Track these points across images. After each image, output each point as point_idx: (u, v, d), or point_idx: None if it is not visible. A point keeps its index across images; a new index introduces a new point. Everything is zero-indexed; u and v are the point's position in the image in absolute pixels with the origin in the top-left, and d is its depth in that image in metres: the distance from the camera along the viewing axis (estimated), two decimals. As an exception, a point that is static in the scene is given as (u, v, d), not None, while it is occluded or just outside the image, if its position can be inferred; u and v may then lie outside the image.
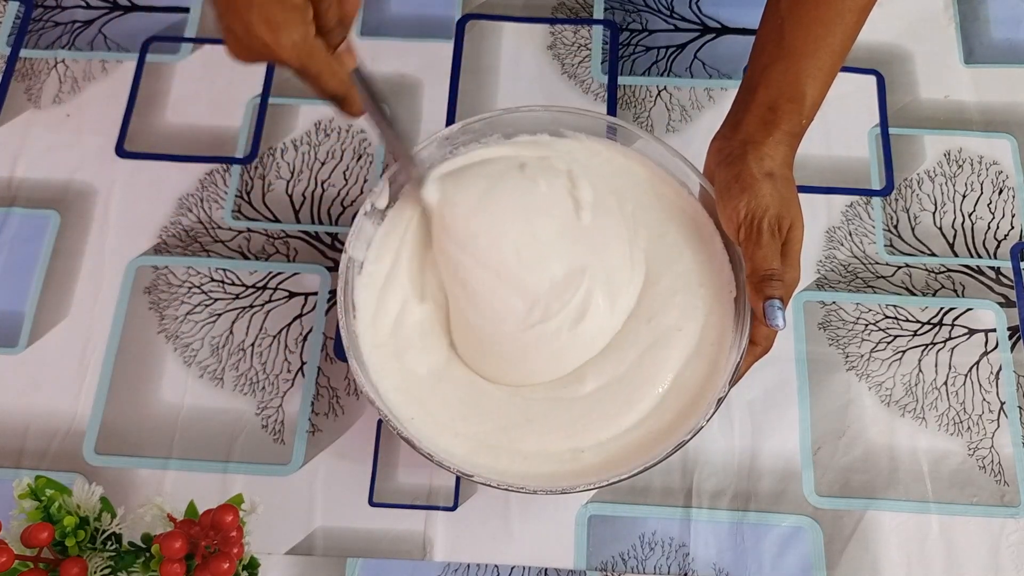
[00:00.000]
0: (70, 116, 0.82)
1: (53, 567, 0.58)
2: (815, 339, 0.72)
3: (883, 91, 0.82)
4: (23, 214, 0.78)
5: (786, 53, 0.61)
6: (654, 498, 0.68)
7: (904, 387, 0.71)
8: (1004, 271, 0.75)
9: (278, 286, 0.75)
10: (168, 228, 0.77)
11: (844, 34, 0.61)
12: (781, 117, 0.60)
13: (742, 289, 0.61)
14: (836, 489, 0.68)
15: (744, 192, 0.59)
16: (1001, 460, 0.69)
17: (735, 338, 0.61)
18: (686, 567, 0.66)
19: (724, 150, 0.61)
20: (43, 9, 0.87)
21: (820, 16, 0.61)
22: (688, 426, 0.58)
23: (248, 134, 0.81)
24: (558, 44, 0.84)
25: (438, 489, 0.68)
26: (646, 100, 0.82)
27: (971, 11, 0.85)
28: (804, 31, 0.61)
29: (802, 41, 0.61)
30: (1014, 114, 0.80)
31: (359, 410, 0.71)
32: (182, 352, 0.73)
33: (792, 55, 0.61)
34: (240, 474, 0.69)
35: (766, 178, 0.59)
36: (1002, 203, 0.77)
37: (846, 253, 0.75)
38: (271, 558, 0.66)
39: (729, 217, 0.60)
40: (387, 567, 0.66)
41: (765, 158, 0.60)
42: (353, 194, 0.78)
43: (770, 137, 0.60)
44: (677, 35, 0.84)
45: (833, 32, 0.61)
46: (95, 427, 0.70)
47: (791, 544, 0.66)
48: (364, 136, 0.80)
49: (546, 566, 0.66)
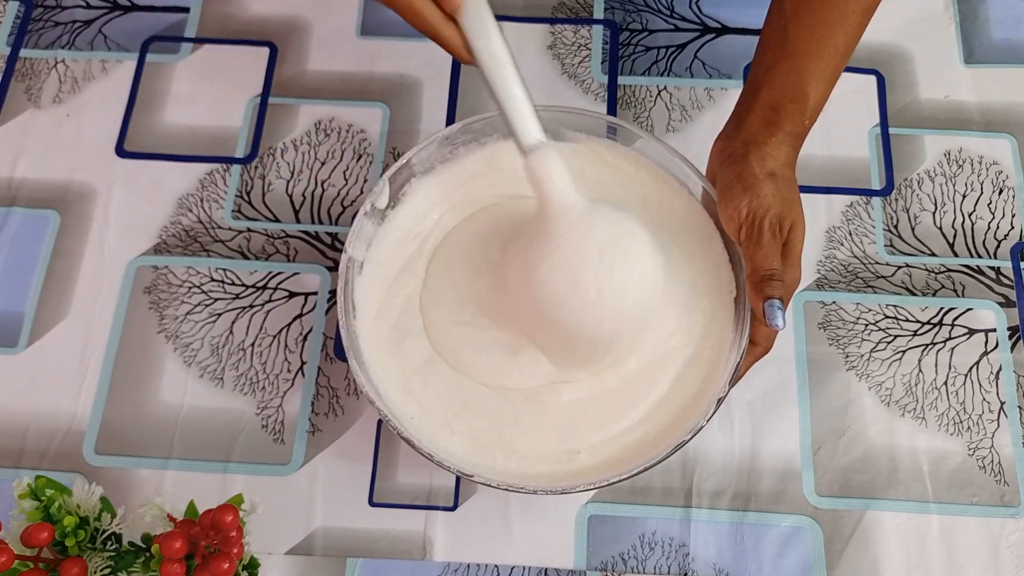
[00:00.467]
0: (70, 116, 0.82)
1: (53, 567, 0.58)
2: (815, 339, 0.72)
3: (883, 91, 0.82)
4: (23, 214, 0.78)
5: (789, 53, 0.61)
6: (654, 498, 0.68)
7: (904, 387, 0.71)
8: (1004, 271, 0.75)
9: (278, 286, 0.75)
10: (168, 228, 0.77)
11: (848, 35, 0.61)
12: (784, 117, 0.60)
13: (742, 289, 0.61)
14: (836, 489, 0.68)
15: (746, 192, 0.59)
16: (1001, 460, 0.69)
17: (735, 338, 0.61)
18: (686, 567, 0.66)
19: (726, 150, 0.61)
20: (43, 9, 0.87)
21: (824, 17, 0.61)
22: (688, 426, 0.58)
23: (248, 134, 0.81)
24: (558, 44, 0.84)
25: (438, 489, 0.68)
26: (646, 100, 0.82)
27: (971, 11, 0.85)
28: (808, 32, 0.61)
29: (805, 42, 0.61)
30: (1014, 114, 0.80)
31: (359, 410, 0.71)
32: (182, 352, 0.73)
33: (795, 56, 0.61)
34: (240, 474, 0.69)
35: (768, 178, 0.59)
36: (1002, 203, 0.77)
37: (846, 253, 0.75)
38: (271, 558, 0.66)
39: (730, 216, 0.60)
40: (387, 567, 0.66)
41: (767, 158, 0.60)
42: (353, 194, 0.78)
43: (773, 137, 0.60)
44: (677, 35, 0.84)
45: (837, 33, 0.61)
46: (95, 427, 0.70)
47: (791, 544, 0.66)
48: (364, 136, 0.80)
49: (546, 566, 0.66)
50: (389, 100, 0.82)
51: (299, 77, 0.83)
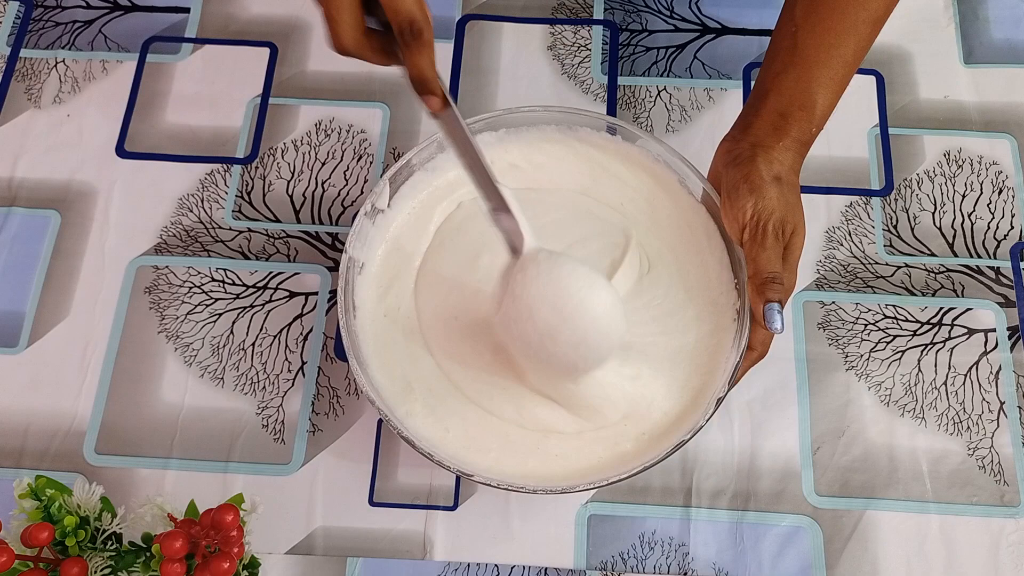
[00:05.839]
0: (70, 116, 0.82)
1: (53, 567, 0.58)
2: (814, 339, 0.72)
3: (883, 91, 0.82)
4: (23, 214, 0.78)
5: (799, 61, 0.61)
6: (654, 498, 0.68)
7: (903, 387, 0.71)
8: (1004, 271, 0.75)
9: (278, 286, 0.75)
10: (168, 228, 0.77)
11: (857, 45, 0.61)
12: (791, 124, 0.60)
13: (742, 289, 0.61)
14: (835, 489, 0.68)
15: (752, 193, 0.59)
16: (1001, 460, 0.69)
17: (735, 338, 0.61)
18: (686, 566, 0.66)
19: (733, 151, 0.62)
20: (43, 9, 0.87)
21: (834, 26, 0.61)
22: (688, 426, 0.59)
23: (248, 134, 0.81)
24: (558, 44, 0.84)
25: (438, 489, 0.68)
26: (646, 100, 0.82)
27: (971, 11, 0.85)
28: (817, 40, 0.61)
29: (814, 50, 0.61)
30: (1014, 114, 0.80)
31: (359, 410, 0.71)
32: (182, 352, 0.73)
33: (804, 63, 0.61)
34: (240, 474, 0.69)
35: (774, 181, 0.59)
36: (1002, 203, 0.77)
37: (845, 253, 0.75)
38: (271, 558, 0.66)
39: (735, 217, 0.60)
40: (387, 567, 0.66)
41: (774, 162, 0.60)
42: (353, 194, 0.78)
43: (780, 143, 0.60)
44: (677, 35, 0.85)
45: (846, 42, 0.61)
46: (95, 427, 0.70)
47: (790, 544, 0.66)
48: (364, 136, 0.80)
49: (546, 566, 0.66)
50: (389, 100, 0.82)
51: (299, 77, 0.83)
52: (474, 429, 0.61)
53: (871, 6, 0.61)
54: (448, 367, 0.63)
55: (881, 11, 0.62)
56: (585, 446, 0.61)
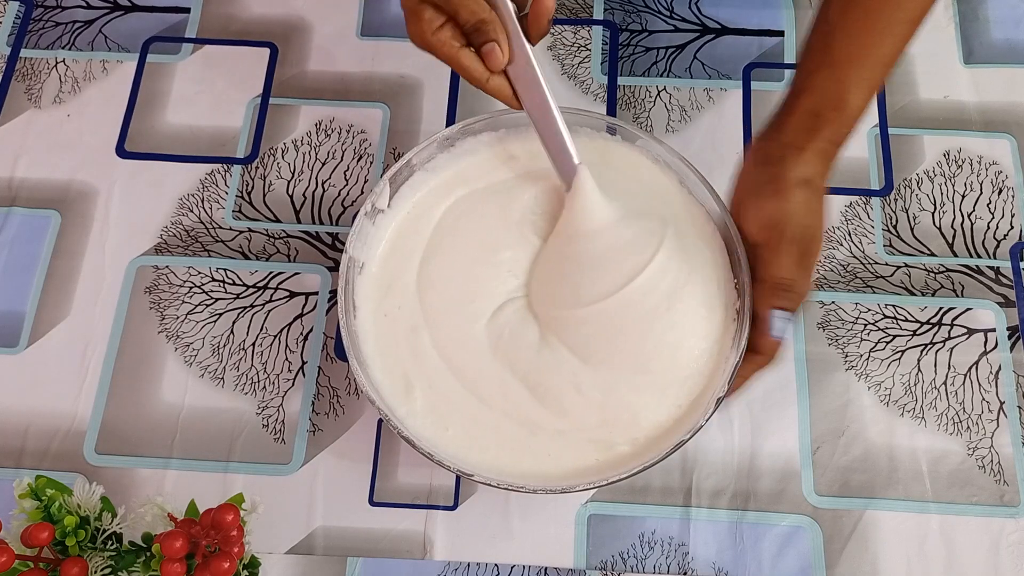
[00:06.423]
0: (70, 116, 0.82)
1: (53, 567, 0.58)
2: (814, 339, 0.72)
3: (882, 91, 0.82)
4: (24, 214, 0.78)
5: (833, 61, 0.60)
6: (654, 497, 0.68)
7: (903, 387, 0.71)
8: (1003, 271, 0.75)
9: (279, 286, 0.75)
10: (169, 228, 0.77)
11: (893, 45, 0.60)
12: (824, 124, 0.59)
13: (744, 290, 0.61)
14: (835, 489, 0.68)
15: (776, 195, 0.58)
16: (1001, 460, 0.69)
17: (734, 338, 0.61)
18: (685, 566, 0.66)
19: (762, 150, 0.61)
20: (43, 9, 0.87)
21: (870, 26, 0.59)
22: (687, 426, 0.59)
23: (249, 134, 0.81)
24: (558, 45, 0.84)
25: (438, 488, 0.68)
26: (646, 100, 0.82)
27: (971, 11, 0.85)
28: (852, 40, 0.60)
29: (848, 50, 0.60)
30: (1013, 114, 0.80)
31: (359, 410, 0.71)
32: (183, 352, 0.73)
33: (839, 63, 0.60)
34: (241, 474, 0.69)
35: (801, 185, 0.58)
36: (1001, 203, 0.77)
37: (845, 253, 0.76)
38: (271, 557, 0.66)
39: (754, 216, 0.60)
40: (387, 566, 0.66)
41: (803, 164, 0.59)
42: (353, 194, 0.78)
43: (811, 143, 0.59)
44: (677, 35, 0.85)
45: (882, 43, 0.60)
46: (96, 427, 0.70)
47: (790, 543, 0.67)
48: (365, 136, 0.80)
49: (546, 565, 0.66)
50: (389, 100, 0.82)
51: (300, 77, 0.83)
52: (473, 427, 0.61)
53: (907, 6, 0.60)
54: (448, 362, 0.63)
55: (918, 12, 0.60)
56: (576, 447, 0.61)
